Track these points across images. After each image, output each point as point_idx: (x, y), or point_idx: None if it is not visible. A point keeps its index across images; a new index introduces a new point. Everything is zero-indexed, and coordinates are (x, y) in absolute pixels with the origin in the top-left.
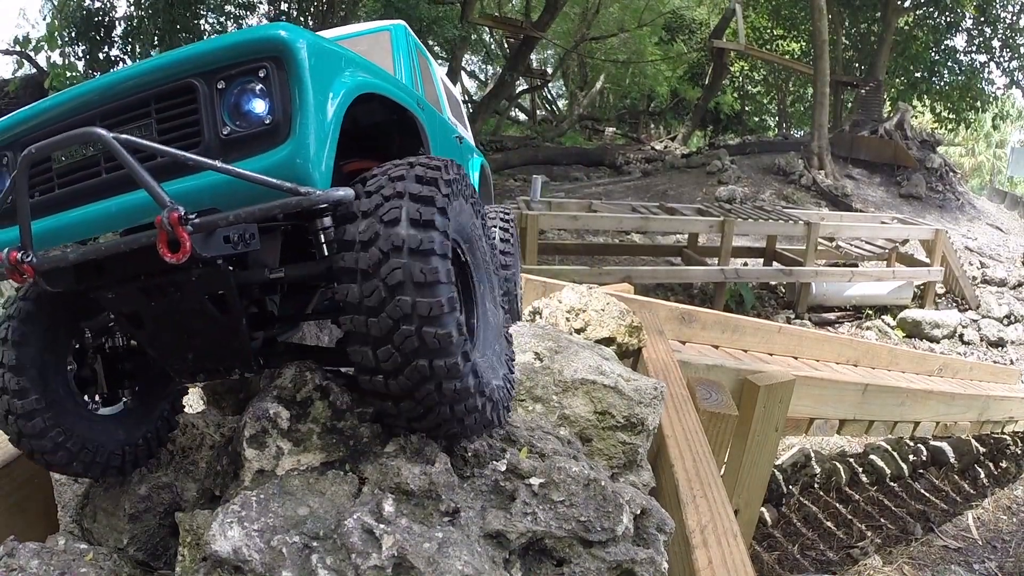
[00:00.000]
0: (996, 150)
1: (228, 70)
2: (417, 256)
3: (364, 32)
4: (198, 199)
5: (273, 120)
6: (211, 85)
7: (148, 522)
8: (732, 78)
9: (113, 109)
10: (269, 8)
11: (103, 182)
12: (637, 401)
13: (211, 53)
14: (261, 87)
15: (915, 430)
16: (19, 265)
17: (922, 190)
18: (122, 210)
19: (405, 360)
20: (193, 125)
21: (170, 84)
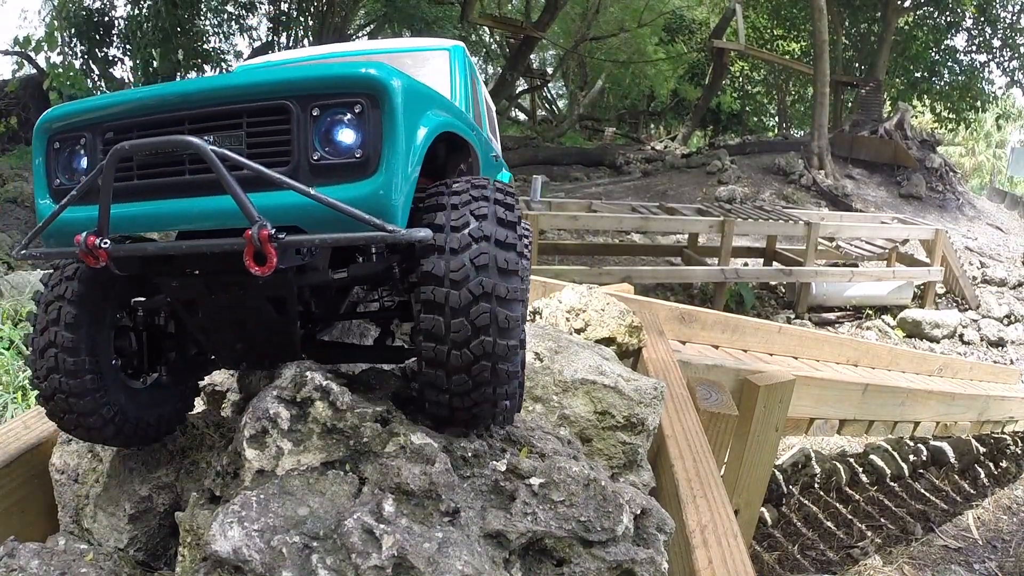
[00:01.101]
0: (996, 150)
1: (324, 99)
2: (504, 304)
3: (424, 48)
4: (279, 216)
5: (363, 154)
6: (306, 110)
7: (148, 522)
8: (732, 78)
9: (203, 115)
10: (269, 8)
11: (185, 182)
12: (637, 401)
13: (309, 80)
14: (354, 120)
15: (915, 430)
16: (95, 250)
17: (922, 190)
18: (203, 212)
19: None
20: (283, 145)
21: (264, 102)
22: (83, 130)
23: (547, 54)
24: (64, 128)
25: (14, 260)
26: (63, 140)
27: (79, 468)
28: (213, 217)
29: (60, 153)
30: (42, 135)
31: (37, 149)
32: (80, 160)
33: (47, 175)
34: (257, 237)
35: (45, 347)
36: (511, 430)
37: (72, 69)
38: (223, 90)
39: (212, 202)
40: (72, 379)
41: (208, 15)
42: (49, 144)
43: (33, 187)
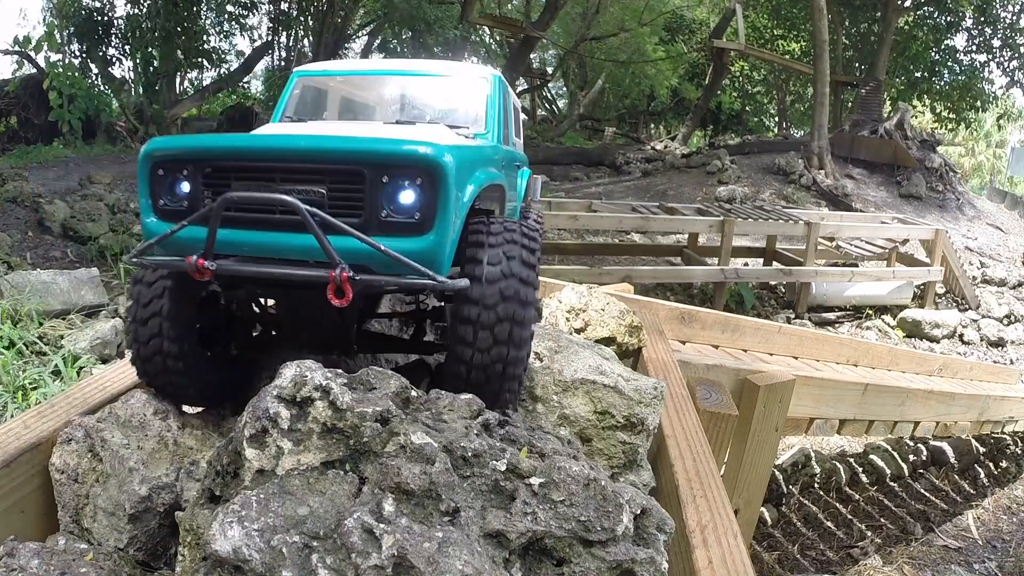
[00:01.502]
0: (996, 150)
1: (392, 170)
2: (520, 325)
3: (463, 74)
4: (350, 257)
5: (420, 216)
6: (377, 176)
7: (148, 522)
8: (732, 78)
9: (292, 169)
10: (270, 7)
11: (275, 220)
12: (637, 401)
13: (383, 154)
14: (415, 188)
15: (915, 430)
16: (203, 269)
17: (922, 190)
18: (289, 247)
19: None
20: (357, 202)
21: (344, 166)
22: (185, 163)
23: (547, 54)
24: (167, 158)
25: (14, 260)
26: (166, 168)
27: (79, 468)
28: (298, 252)
29: (164, 179)
30: (147, 162)
31: (142, 174)
32: (181, 186)
33: (152, 197)
34: (339, 277)
35: (150, 337)
36: (511, 430)
37: (72, 68)
38: (310, 151)
39: (297, 239)
40: (174, 360)
41: (208, 14)
42: (153, 170)
43: (140, 207)
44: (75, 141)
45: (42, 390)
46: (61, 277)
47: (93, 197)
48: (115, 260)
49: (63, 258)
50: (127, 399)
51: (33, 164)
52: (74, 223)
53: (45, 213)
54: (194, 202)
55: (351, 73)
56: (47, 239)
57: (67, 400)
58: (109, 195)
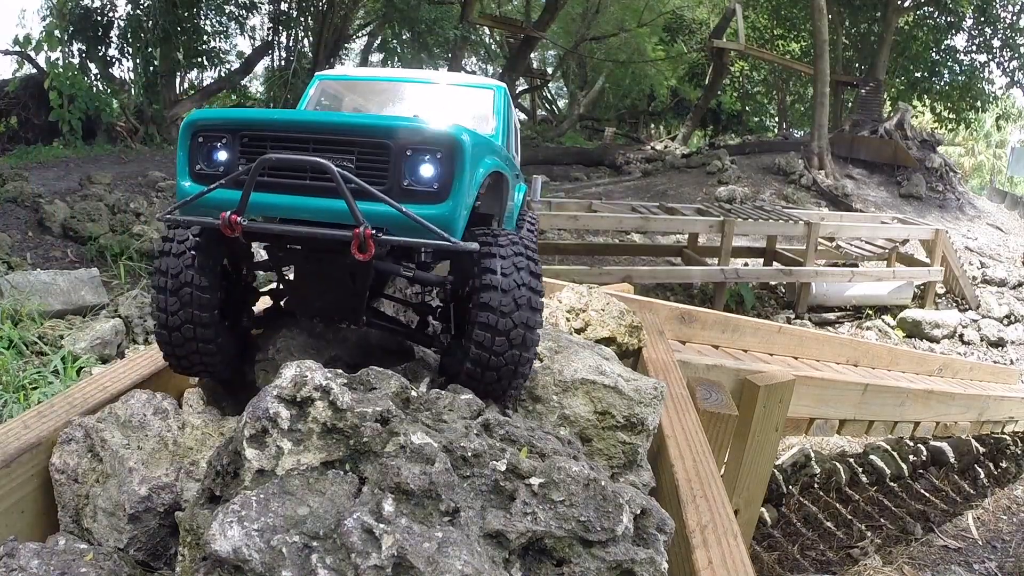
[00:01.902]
0: (996, 150)
1: (415, 145)
2: (531, 331)
3: (472, 85)
4: (374, 220)
5: (439, 186)
6: (401, 150)
7: (148, 522)
8: (732, 78)
9: (325, 140)
10: (270, 8)
11: (305, 185)
12: (637, 401)
13: (408, 131)
14: (435, 162)
15: (915, 430)
16: (235, 224)
17: (922, 190)
18: (318, 209)
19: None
20: (383, 171)
21: (372, 139)
22: (224, 132)
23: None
24: (207, 128)
25: (14, 260)
26: (206, 136)
27: (79, 468)
28: (326, 214)
29: (203, 146)
30: (188, 129)
31: (183, 140)
32: (218, 153)
33: (189, 161)
34: (363, 234)
35: (179, 307)
36: (511, 430)
37: (72, 68)
38: (343, 125)
39: (326, 203)
40: (203, 328)
41: (208, 15)
42: (194, 138)
43: (177, 171)
44: (75, 141)
45: (42, 390)
46: (61, 277)
47: (93, 197)
48: (115, 260)
49: (63, 258)
50: (127, 399)
51: (33, 164)
52: (74, 223)
53: (45, 213)
54: (229, 168)
55: (368, 79)
56: (47, 239)
57: (67, 400)
58: (109, 195)
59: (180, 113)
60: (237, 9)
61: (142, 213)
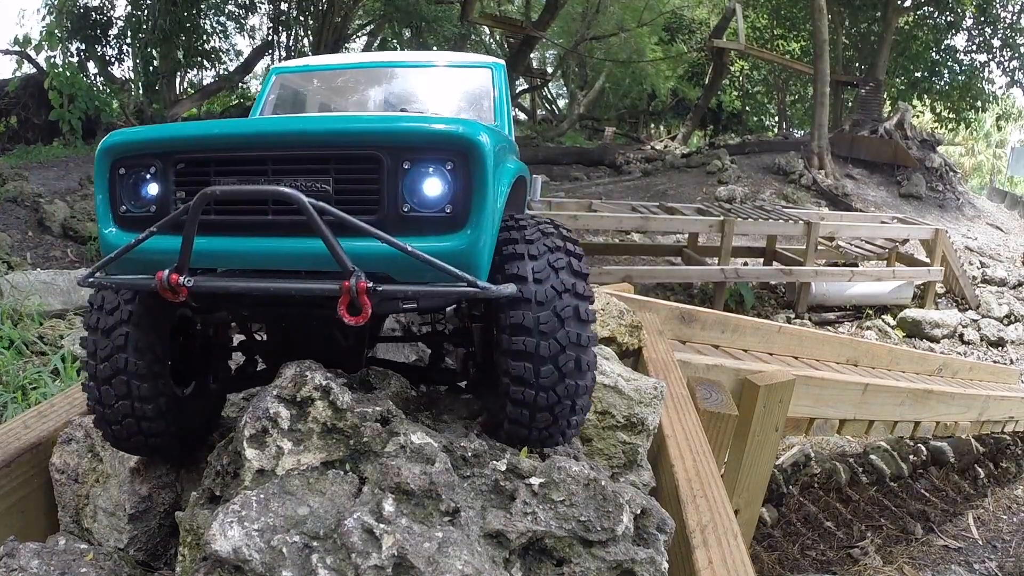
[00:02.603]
0: (996, 150)
1: (416, 153)
2: (584, 350)
3: (469, 65)
4: (367, 263)
5: (453, 210)
6: (397, 162)
7: (148, 522)
8: (732, 78)
9: (288, 157)
10: (269, 8)
11: (268, 222)
12: (637, 401)
13: (403, 134)
14: (445, 176)
15: (915, 430)
16: (177, 286)
17: (922, 190)
18: (288, 254)
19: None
20: (372, 194)
21: (355, 150)
22: (152, 158)
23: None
24: (131, 154)
25: (14, 260)
26: (129, 166)
27: (79, 468)
28: (299, 260)
29: (125, 179)
30: (105, 158)
31: (100, 173)
32: (147, 187)
33: (111, 201)
34: (355, 288)
35: (112, 374)
36: None
37: (71, 68)
38: (312, 135)
39: (298, 244)
40: (147, 404)
41: (208, 14)
42: (113, 169)
43: (97, 215)
44: (75, 141)
45: (42, 390)
46: (61, 277)
47: (93, 197)
48: None
49: (63, 258)
50: None
51: (33, 164)
52: (74, 223)
53: (45, 213)
54: (164, 205)
55: (334, 68)
56: (47, 239)
57: (67, 400)
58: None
59: (180, 113)
60: (237, 9)
61: None
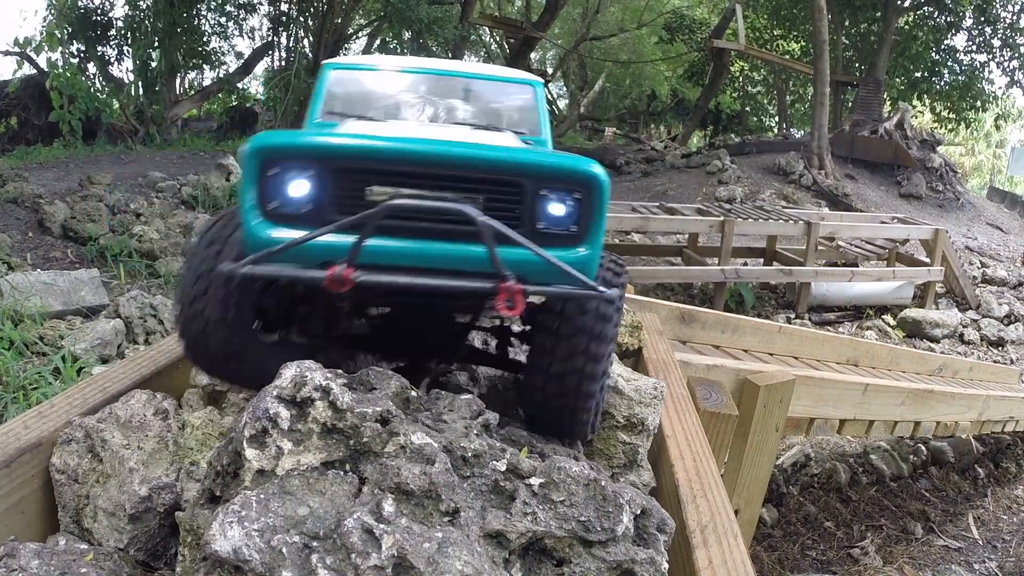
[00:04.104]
0: (996, 150)
1: (553, 183)
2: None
3: (506, 79)
4: (510, 267)
5: (577, 229)
6: (536, 188)
7: (148, 522)
8: (732, 78)
9: (443, 175)
10: (269, 8)
11: (420, 228)
12: (637, 401)
13: (545, 168)
14: (572, 203)
15: (915, 430)
16: (347, 280)
17: (922, 190)
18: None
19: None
20: (515, 213)
21: (504, 176)
22: (309, 163)
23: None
24: (284, 157)
25: (14, 260)
26: (282, 168)
27: (79, 468)
28: (459, 261)
29: (277, 179)
30: (255, 158)
31: (250, 171)
32: (299, 189)
33: (260, 198)
34: (513, 289)
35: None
36: (511, 430)
37: (72, 69)
38: (468, 159)
39: (452, 248)
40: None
41: (207, 15)
42: (263, 169)
43: (242, 205)
44: (75, 142)
45: (42, 390)
46: (61, 278)
47: (93, 198)
48: (115, 261)
49: (63, 259)
50: (127, 399)
51: (33, 164)
52: (74, 224)
53: (45, 214)
54: (317, 206)
55: (388, 71)
56: (47, 240)
57: (67, 400)
58: (109, 196)
59: (180, 113)
60: (236, 9)
61: (142, 213)
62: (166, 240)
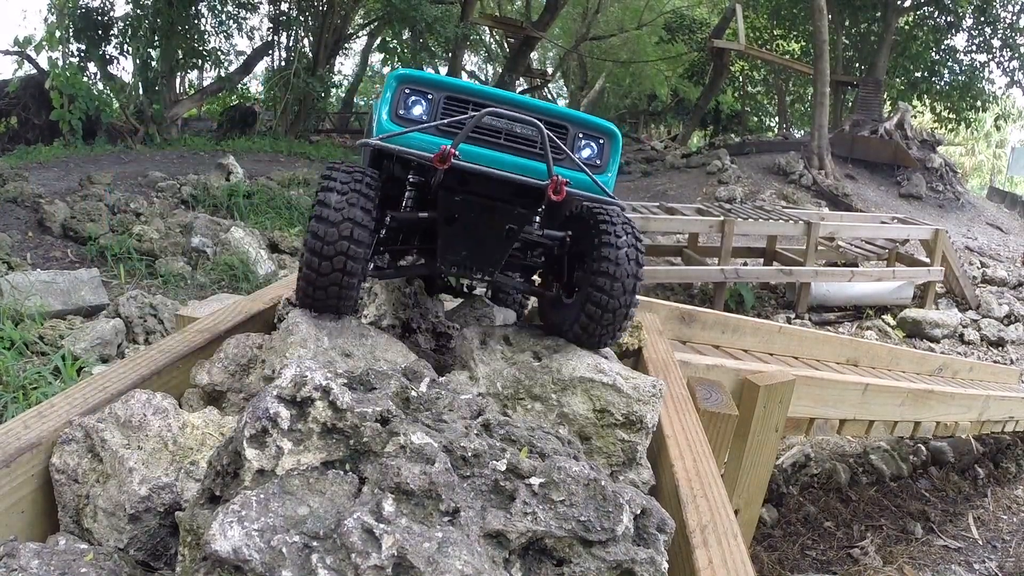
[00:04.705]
0: (996, 150)
1: (586, 130)
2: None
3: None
4: None
5: (601, 163)
6: (576, 132)
7: (148, 522)
8: (732, 78)
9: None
10: (270, 8)
11: (497, 143)
12: (636, 399)
13: (583, 122)
14: (597, 145)
15: (915, 430)
16: (448, 156)
17: (922, 190)
18: (515, 163)
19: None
20: (561, 145)
21: (556, 121)
22: (431, 90)
23: (548, 54)
24: (415, 85)
25: (14, 260)
26: (412, 91)
27: (79, 468)
28: (519, 168)
29: (408, 97)
30: (395, 82)
31: (388, 89)
32: (417, 106)
33: (393, 108)
34: (559, 180)
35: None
36: (511, 430)
37: (73, 68)
38: (534, 106)
39: (520, 160)
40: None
41: (207, 15)
42: (400, 89)
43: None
44: (75, 141)
45: (42, 390)
46: (61, 277)
47: (93, 197)
48: (115, 261)
49: (63, 258)
50: (127, 399)
51: (33, 164)
52: (74, 223)
53: (45, 213)
54: (430, 118)
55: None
56: (47, 239)
57: (67, 400)
58: (109, 195)
59: (180, 113)
60: (236, 9)
61: (142, 213)
62: (166, 240)
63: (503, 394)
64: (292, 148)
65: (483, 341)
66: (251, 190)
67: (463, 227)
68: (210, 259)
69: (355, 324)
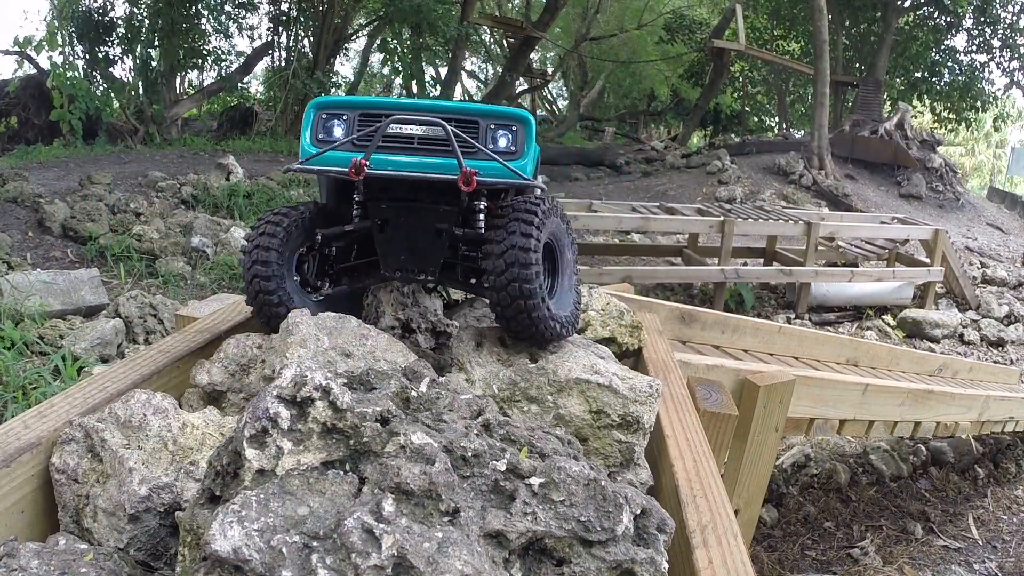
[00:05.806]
0: (996, 150)
1: (497, 120)
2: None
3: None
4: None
5: (516, 150)
6: (487, 124)
7: (148, 522)
8: (732, 78)
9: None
10: (270, 8)
11: (411, 147)
12: (632, 399)
13: (493, 113)
14: (511, 133)
15: (915, 430)
16: (362, 167)
17: (922, 190)
18: (426, 164)
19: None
20: (473, 139)
21: (465, 117)
22: (345, 111)
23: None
24: (331, 109)
25: (14, 260)
26: (328, 115)
27: (79, 468)
28: (436, 168)
29: (325, 121)
30: (313, 110)
31: (307, 117)
32: (336, 128)
33: (313, 132)
34: (468, 172)
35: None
36: (511, 430)
37: (73, 69)
38: (443, 108)
39: (430, 160)
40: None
41: (207, 15)
42: (317, 115)
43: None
44: (75, 141)
45: (42, 390)
46: (61, 277)
47: (93, 197)
48: (115, 261)
49: (63, 258)
50: (127, 399)
51: (33, 164)
52: (74, 223)
53: (45, 213)
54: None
55: None
56: (47, 239)
57: (67, 400)
58: (109, 195)
59: (180, 113)
60: (236, 9)
61: (142, 213)
62: (166, 239)
63: (499, 396)
64: (292, 148)
65: (478, 343)
66: (251, 190)
67: (394, 231)
68: (210, 259)
69: (355, 324)
